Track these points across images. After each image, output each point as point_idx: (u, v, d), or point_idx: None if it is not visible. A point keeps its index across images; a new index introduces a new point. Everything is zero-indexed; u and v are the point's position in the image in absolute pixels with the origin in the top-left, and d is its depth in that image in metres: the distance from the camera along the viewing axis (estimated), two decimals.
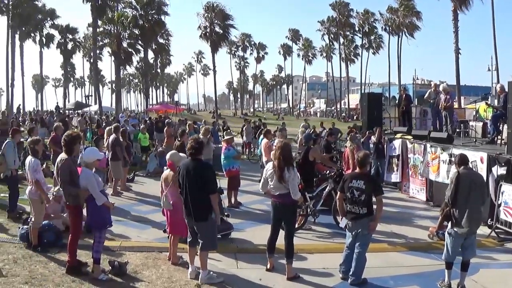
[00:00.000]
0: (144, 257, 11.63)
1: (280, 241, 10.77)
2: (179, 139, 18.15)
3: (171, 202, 10.94)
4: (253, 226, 15.02)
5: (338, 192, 10.86)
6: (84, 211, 10.48)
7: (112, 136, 20.02)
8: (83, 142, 12.63)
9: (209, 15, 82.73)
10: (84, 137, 29.71)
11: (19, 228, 12.69)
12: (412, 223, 16.12)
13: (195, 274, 10.19)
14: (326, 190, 15.23)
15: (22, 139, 18.31)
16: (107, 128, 22.37)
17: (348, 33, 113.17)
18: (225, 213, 13.91)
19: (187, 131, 20.85)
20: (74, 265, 10.19)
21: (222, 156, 18.14)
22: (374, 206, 10.22)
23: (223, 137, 20.45)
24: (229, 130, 22.42)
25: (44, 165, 16.41)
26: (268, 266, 10.93)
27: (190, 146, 10.09)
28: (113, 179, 19.73)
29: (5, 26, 72.26)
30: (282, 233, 10.78)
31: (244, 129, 37.56)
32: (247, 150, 35.62)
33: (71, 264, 10.16)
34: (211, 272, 10.15)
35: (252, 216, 16.61)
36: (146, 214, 16.36)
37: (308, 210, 14.50)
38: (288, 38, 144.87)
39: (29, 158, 12.12)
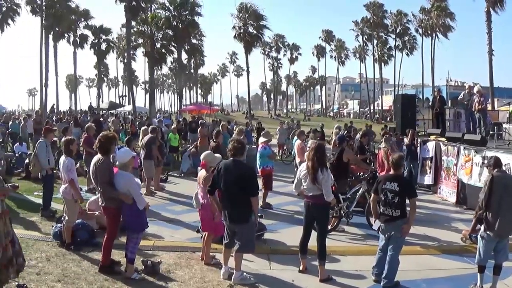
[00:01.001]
0: (177, 256, 11.70)
1: (313, 243, 10.78)
2: (214, 139, 18.20)
3: (201, 201, 10.98)
4: (286, 227, 15.02)
5: (372, 194, 10.83)
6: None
7: (149, 136, 20.15)
8: (116, 142, 12.76)
9: (242, 16, 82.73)
10: (118, 137, 29.93)
11: (53, 226, 12.86)
12: (445, 226, 15.99)
13: (228, 274, 10.22)
14: (360, 191, 15.20)
15: (55, 138, 18.44)
16: (143, 128, 22.48)
17: (381, 34, 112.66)
18: (259, 214, 13.90)
19: (221, 131, 20.87)
20: (107, 264, 10.28)
21: (258, 155, 18.30)
22: (407, 209, 10.15)
23: (257, 138, 20.43)
24: (267, 130, 22.37)
25: (78, 165, 16.53)
26: (301, 267, 10.95)
27: (232, 147, 10.15)
28: (146, 179, 19.80)
29: (39, 26, 73.01)
30: (314, 235, 10.78)
31: (277, 130, 37.68)
32: (280, 151, 35.54)
33: (104, 263, 10.25)
34: (244, 273, 10.18)
35: (285, 217, 16.62)
36: (179, 214, 16.44)
37: (342, 212, 14.48)
38: (322, 39, 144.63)
39: (63, 158, 12.22)
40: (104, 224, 11.32)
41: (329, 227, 12.56)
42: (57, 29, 76.21)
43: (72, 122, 39.13)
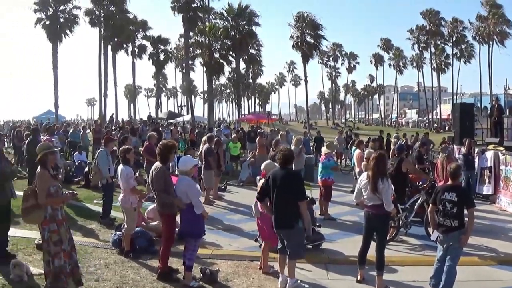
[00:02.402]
0: (235, 265, 11.79)
1: (371, 253, 10.76)
2: (273, 149, 18.24)
3: (260, 210, 11.00)
4: (345, 237, 14.99)
5: (430, 204, 10.74)
6: (177, 218, 10.65)
7: (206, 146, 20.34)
8: (176, 151, 12.94)
9: (300, 25, 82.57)
10: (177, 146, 30.13)
11: (112, 234, 13.13)
12: (502, 237, 15.74)
13: (285, 283, 10.24)
14: (418, 202, 15.12)
15: (115, 148, 18.69)
16: (204, 138, 22.63)
17: (438, 42, 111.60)
18: (317, 224, 13.90)
19: (280, 141, 20.92)
20: (166, 271, 10.43)
21: (320, 166, 18.16)
22: (466, 219, 10.03)
23: (314, 148, 20.37)
24: (331, 141, 22.28)
25: (137, 173, 16.73)
26: (359, 277, 10.94)
27: (280, 156, 10.28)
28: (206, 188, 19.93)
29: (97, 37, 74.31)
30: (373, 245, 10.75)
31: (336, 139, 37.61)
32: (338, 160, 35.44)
33: (163, 271, 10.41)
34: (299, 281, 10.26)
35: (343, 227, 16.57)
36: (237, 223, 16.56)
37: (400, 222, 14.40)
38: (380, 48, 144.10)
39: (121, 167, 12.40)
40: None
41: (388, 237, 12.47)
42: (115, 39, 77.38)
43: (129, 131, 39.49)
